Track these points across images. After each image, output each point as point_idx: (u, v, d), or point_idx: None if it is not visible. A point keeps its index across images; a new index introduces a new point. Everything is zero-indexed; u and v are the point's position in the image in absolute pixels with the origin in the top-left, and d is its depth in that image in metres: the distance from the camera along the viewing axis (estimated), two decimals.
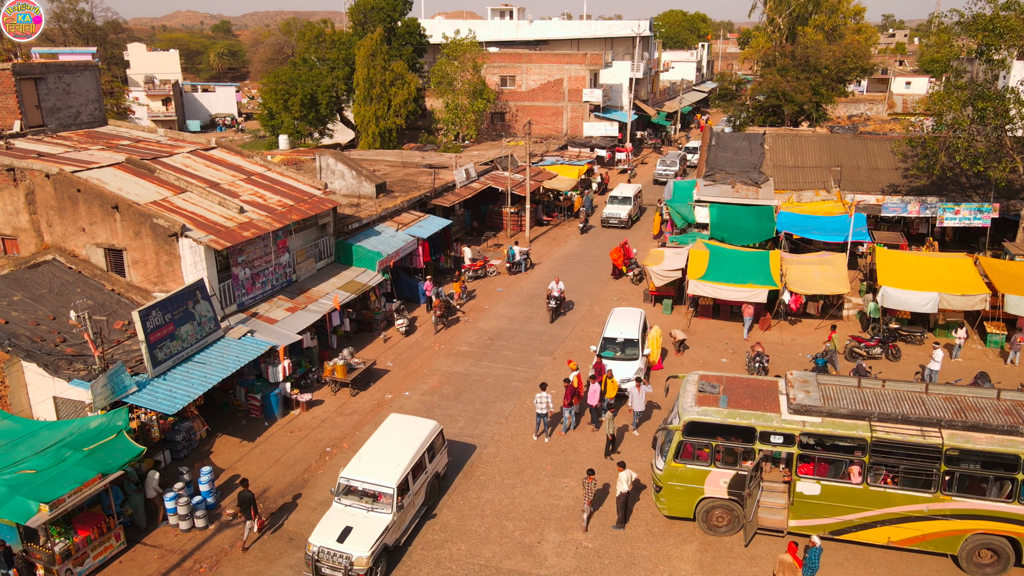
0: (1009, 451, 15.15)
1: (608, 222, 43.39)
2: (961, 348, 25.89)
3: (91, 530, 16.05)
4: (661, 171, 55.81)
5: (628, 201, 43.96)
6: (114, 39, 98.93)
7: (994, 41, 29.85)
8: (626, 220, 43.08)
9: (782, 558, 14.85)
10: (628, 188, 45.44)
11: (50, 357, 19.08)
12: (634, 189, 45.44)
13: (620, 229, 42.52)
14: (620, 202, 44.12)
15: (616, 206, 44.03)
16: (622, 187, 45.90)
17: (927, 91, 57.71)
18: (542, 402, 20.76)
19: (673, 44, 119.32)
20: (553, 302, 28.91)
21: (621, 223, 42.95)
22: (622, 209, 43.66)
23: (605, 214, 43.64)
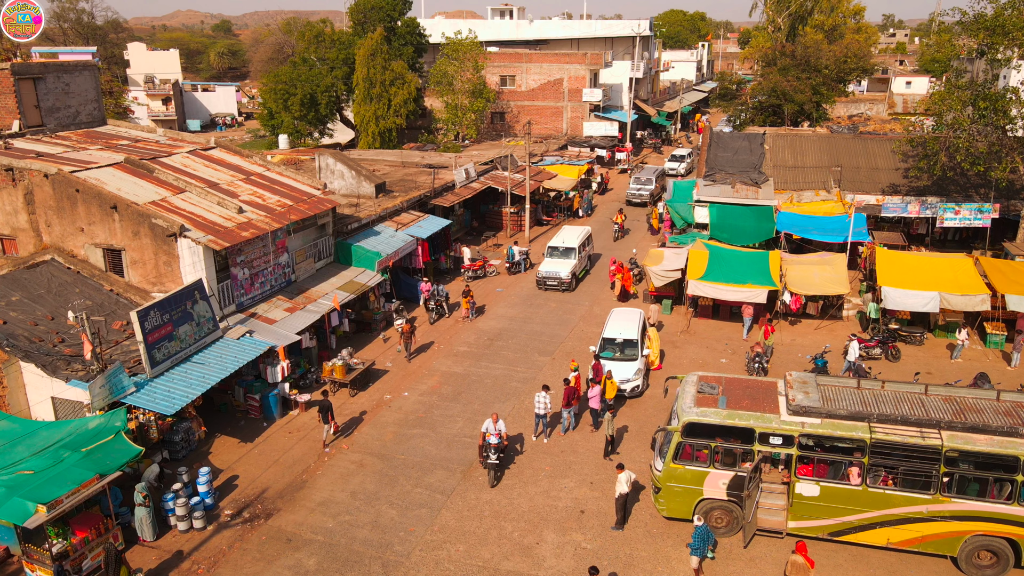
0: (1009, 452, 15.11)
1: (545, 283, 32.57)
2: (963, 349, 25.84)
3: (89, 531, 16.02)
4: (635, 190, 49.12)
5: (570, 254, 33.24)
6: (114, 39, 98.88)
7: (998, 40, 29.78)
8: (568, 280, 32.29)
9: (793, 559, 14.84)
10: (572, 235, 34.71)
11: (48, 357, 19.06)
12: (580, 236, 34.50)
13: (562, 292, 32.46)
14: (560, 255, 33.29)
15: (555, 262, 33.03)
16: (565, 232, 35.18)
17: (927, 91, 57.72)
18: (541, 402, 20.74)
19: (673, 44, 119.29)
20: (493, 455, 19.00)
21: (562, 285, 32.35)
22: (563, 266, 32.68)
23: (541, 272, 32.75)
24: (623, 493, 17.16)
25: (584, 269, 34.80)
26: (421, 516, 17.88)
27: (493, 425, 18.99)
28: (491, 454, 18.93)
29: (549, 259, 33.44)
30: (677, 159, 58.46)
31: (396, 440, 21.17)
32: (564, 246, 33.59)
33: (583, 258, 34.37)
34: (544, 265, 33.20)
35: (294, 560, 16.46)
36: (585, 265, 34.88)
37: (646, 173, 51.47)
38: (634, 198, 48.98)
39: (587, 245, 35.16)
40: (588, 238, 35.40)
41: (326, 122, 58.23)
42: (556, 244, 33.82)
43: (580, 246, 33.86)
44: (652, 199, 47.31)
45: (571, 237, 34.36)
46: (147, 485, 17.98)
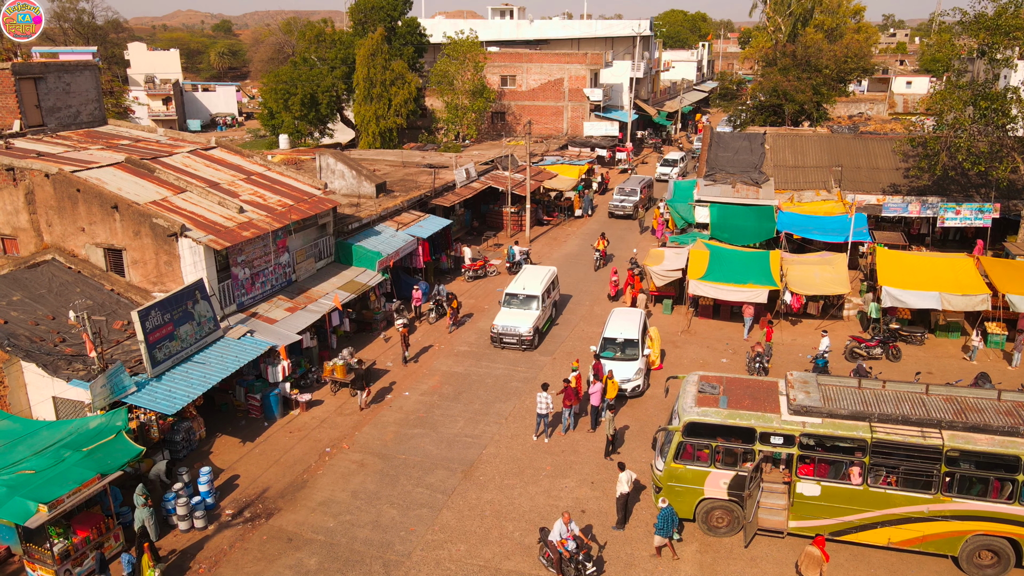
0: (1010, 452, 15.11)
1: (501, 341, 26.72)
2: (978, 351, 25.77)
3: (90, 530, 16.04)
4: (618, 202, 45.60)
5: (532, 303, 27.10)
6: (114, 38, 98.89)
7: (999, 40, 29.75)
8: (529, 337, 26.43)
9: (809, 550, 14.98)
10: (535, 278, 28.29)
11: (49, 357, 19.06)
12: (544, 280, 28.14)
13: (522, 351, 26.70)
14: (520, 304, 27.26)
15: (514, 313, 27.01)
16: (527, 276, 28.71)
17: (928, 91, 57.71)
18: (543, 402, 20.74)
19: (673, 44, 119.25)
20: (585, 568, 15.37)
21: (522, 343, 26.51)
22: (523, 318, 26.73)
23: (496, 327, 26.76)
24: (624, 493, 17.17)
25: (549, 320, 28.66)
26: (422, 516, 17.88)
27: (566, 527, 15.53)
28: (582, 568, 15.08)
29: (507, 309, 27.29)
30: (670, 163, 56.61)
31: (397, 440, 21.18)
32: (525, 293, 27.38)
33: (548, 307, 28.27)
34: (501, 317, 26.96)
35: (295, 560, 16.46)
36: (551, 315, 28.87)
37: (630, 183, 47.65)
38: (617, 210, 45.40)
39: (553, 290, 29.28)
40: (554, 282, 29.37)
41: (326, 122, 58.25)
42: (515, 291, 27.61)
43: (544, 292, 27.83)
44: (637, 211, 45.01)
45: (533, 282, 28.04)
46: (155, 482, 18.03)
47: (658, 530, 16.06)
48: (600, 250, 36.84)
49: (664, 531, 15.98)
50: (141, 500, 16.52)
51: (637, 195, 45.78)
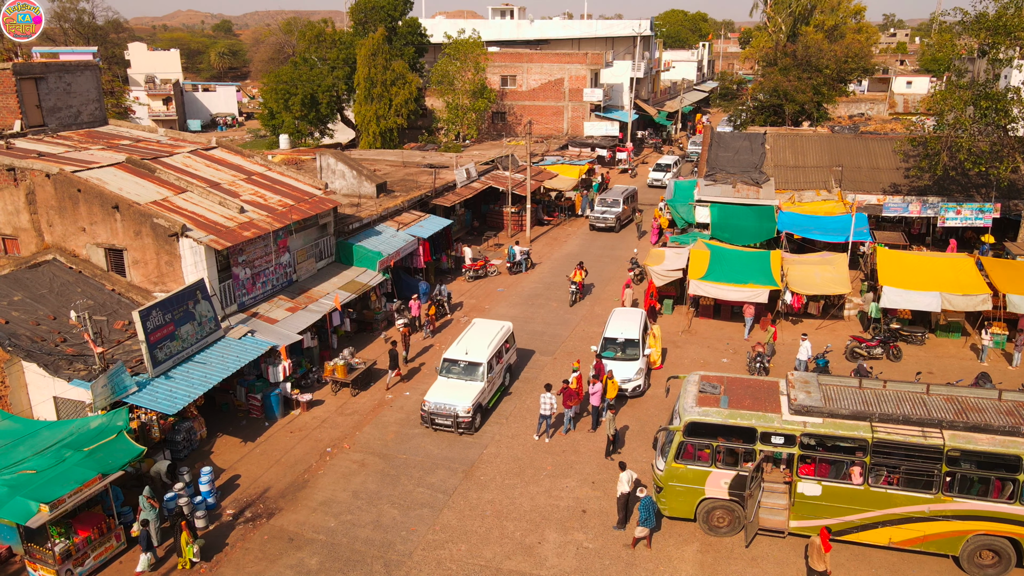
0: (1010, 452, 15.12)
1: (433, 422, 21.52)
2: (989, 350, 25.74)
3: (91, 530, 16.04)
4: (599, 214, 42.71)
5: (475, 372, 22.02)
6: (115, 39, 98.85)
7: (1000, 40, 29.74)
8: (468, 418, 21.22)
9: (812, 539, 15.24)
10: (482, 339, 23.11)
11: (50, 357, 19.07)
12: (493, 341, 23.02)
13: (459, 434, 21.40)
14: (461, 374, 22.15)
15: (451, 386, 21.76)
16: (473, 335, 23.50)
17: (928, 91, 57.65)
18: (546, 403, 20.72)
19: (674, 44, 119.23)
20: None
21: (459, 425, 21.27)
22: (462, 393, 21.48)
23: (428, 404, 21.44)
24: (624, 492, 17.17)
25: (498, 390, 23.14)
26: (423, 516, 17.89)
27: None
28: None
29: (443, 379, 22.06)
30: (662, 168, 54.97)
31: (398, 440, 21.18)
32: (467, 360, 22.17)
33: (498, 375, 23.02)
34: (435, 390, 21.64)
35: (296, 559, 16.47)
36: (501, 383, 23.44)
37: (612, 194, 44.46)
38: (598, 223, 42.35)
39: (506, 352, 23.83)
40: (509, 339, 24.21)
41: (327, 122, 58.26)
42: (455, 356, 22.40)
43: (494, 356, 22.64)
44: (620, 224, 42.66)
45: (479, 344, 22.68)
46: (155, 481, 18.04)
47: (642, 520, 16.31)
48: (577, 282, 31.45)
49: (648, 521, 16.24)
50: (147, 505, 16.40)
51: (619, 206, 42.81)
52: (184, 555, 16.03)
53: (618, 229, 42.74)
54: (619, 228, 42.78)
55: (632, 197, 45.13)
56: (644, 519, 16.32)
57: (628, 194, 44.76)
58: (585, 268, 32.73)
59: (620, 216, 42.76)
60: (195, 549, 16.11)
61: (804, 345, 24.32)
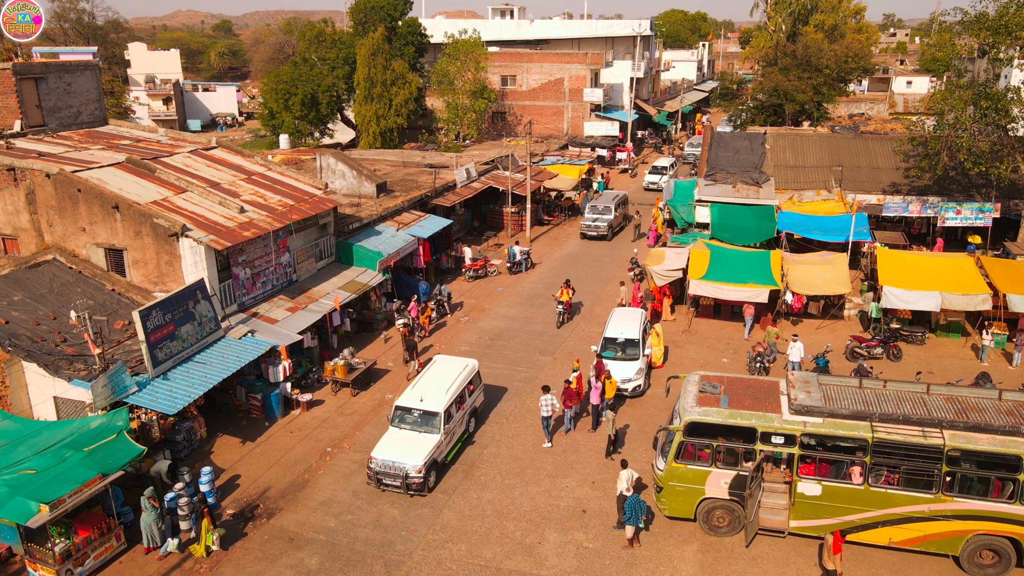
0: (1011, 452, 15.11)
1: (381, 482, 18.70)
2: (987, 350, 25.70)
3: (91, 530, 16.04)
4: (590, 222, 40.63)
5: (432, 424, 19.23)
6: (115, 38, 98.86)
7: (1000, 40, 29.74)
8: (416, 478, 18.41)
9: (826, 539, 15.53)
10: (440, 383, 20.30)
11: (50, 357, 19.07)
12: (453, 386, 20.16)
13: None
14: (415, 425, 19.40)
15: (401, 442, 18.92)
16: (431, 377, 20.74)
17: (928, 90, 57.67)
18: (547, 405, 20.67)
19: (674, 43, 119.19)
20: None
21: (407, 485, 18.45)
22: (410, 451, 18.65)
23: (376, 462, 18.66)
24: (623, 492, 17.16)
25: (460, 439, 20.21)
26: (423, 515, 17.89)
27: None
28: None
29: (395, 430, 19.17)
30: (659, 171, 53.45)
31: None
32: (422, 409, 19.21)
33: (458, 424, 19.95)
34: (383, 445, 18.81)
35: (296, 559, 16.47)
36: (464, 430, 20.44)
37: (604, 200, 42.29)
38: (589, 231, 40.39)
39: (467, 396, 20.73)
40: (472, 381, 21.21)
41: (327, 122, 58.26)
42: (409, 403, 19.44)
43: (453, 403, 19.58)
44: (612, 231, 40.90)
45: (437, 390, 19.70)
46: (156, 481, 18.05)
47: (626, 519, 16.43)
48: (564, 302, 28.94)
49: (634, 520, 16.36)
50: (148, 505, 16.37)
51: (611, 213, 40.80)
52: (202, 542, 16.50)
53: (611, 237, 40.72)
54: (612, 236, 40.71)
55: (624, 203, 43.43)
56: (628, 517, 16.40)
57: (619, 200, 42.88)
58: (572, 286, 29.99)
59: (612, 223, 40.83)
60: (215, 537, 16.59)
61: (796, 346, 24.20)
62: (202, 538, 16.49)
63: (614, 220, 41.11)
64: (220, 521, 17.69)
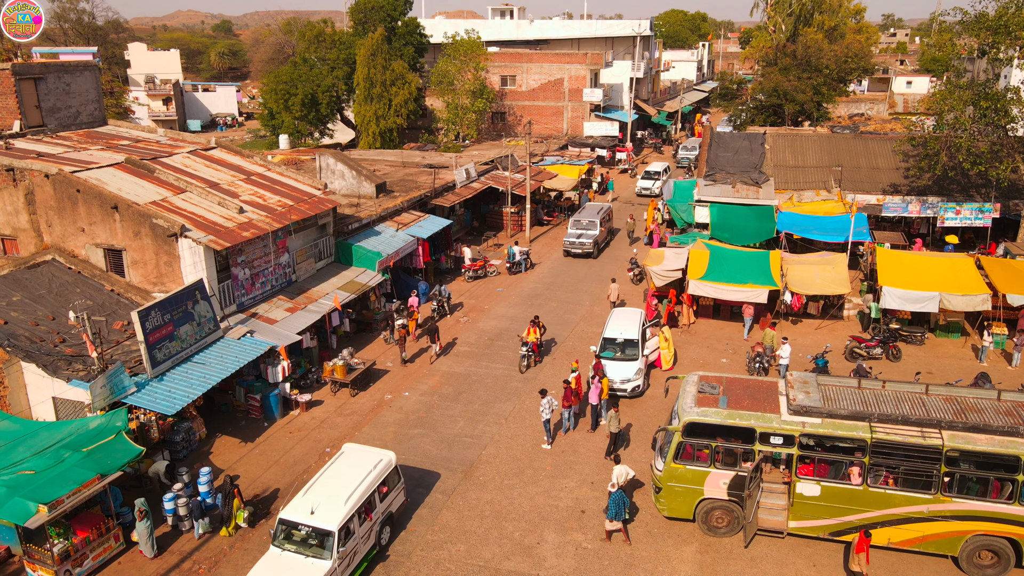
0: (1010, 452, 15.11)
1: None
2: (988, 351, 25.64)
3: (90, 531, 16.04)
4: (574, 238, 37.08)
5: (323, 547, 14.96)
6: (115, 39, 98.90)
7: (1000, 40, 29.72)
8: None
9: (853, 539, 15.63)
10: (349, 474, 16.54)
11: (49, 357, 19.07)
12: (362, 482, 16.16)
13: None
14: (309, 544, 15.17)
15: (290, 560, 14.95)
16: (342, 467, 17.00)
17: (928, 91, 57.65)
18: (547, 408, 20.65)
19: (674, 43, 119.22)
20: None
21: None
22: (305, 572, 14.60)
23: None
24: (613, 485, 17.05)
25: (366, 557, 15.97)
26: (422, 516, 17.88)
27: None
28: None
29: (276, 552, 15.10)
30: (651, 176, 51.27)
31: (397, 440, 21.16)
32: (312, 525, 15.08)
33: (361, 541, 15.71)
34: (263, 566, 14.84)
35: None
36: (373, 543, 16.21)
37: (587, 214, 38.66)
38: (574, 248, 36.92)
39: (378, 502, 16.46)
40: (386, 477, 16.90)
41: (327, 122, 58.28)
42: (296, 517, 15.32)
43: (355, 514, 15.49)
44: (598, 248, 37.49)
45: (335, 497, 15.63)
46: (154, 481, 18.06)
47: (609, 515, 16.48)
48: (530, 342, 25.23)
49: (617, 515, 16.42)
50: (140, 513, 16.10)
51: (596, 228, 37.22)
52: (233, 520, 17.32)
53: (597, 255, 37.06)
54: (598, 253, 37.05)
55: (609, 216, 40.39)
56: (612, 513, 16.46)
57: (604, 213, 39.52)
58: (542, 324, 26.00)
59: (599, 239, 37.25)
60: (245, 514, 17.39)
61: (785, 348, 24.17)
62: (233, 515, 17.28)
63: (600, 236, 37.67)
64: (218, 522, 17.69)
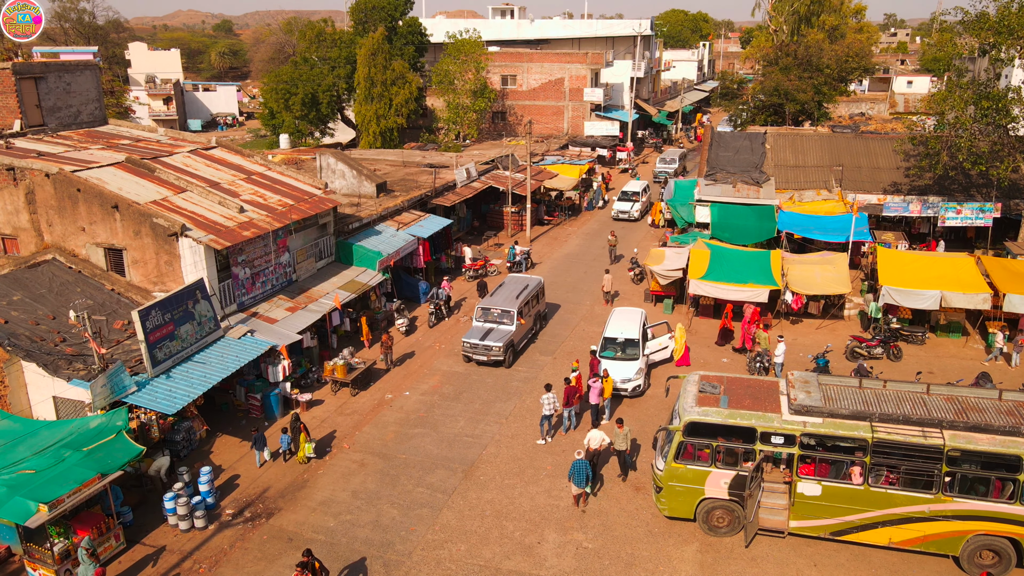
0: (1011, 452, 15.08)
1: None
2: (1000, 350, 25.56)
3: (90, 530, 16.02)
4: (477, 338, 24.76)
5: None
6: (115, 38, 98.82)
7: (1002, 40, 29.68)
8: None
9: None
10: None
11: (50, 357, 19.06)
12: None
13: None
14: None
15: None
16: None
17: (929, 90, 57.64)
18: (548, 403, 20.65)
19: (674, 43, 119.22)
20: None
21: None
22: None
23: None
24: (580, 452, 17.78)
25: None
26: (422, 515, 17.87)
27: None
28: None
29: None
30: (628, 198, 45.05)
31: (397, 439, 21.16)
32: None
33: None
34: None
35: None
36: None
37: (503, 297, 26.15)
38: (476, 352, 24.96)
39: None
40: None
41: (327, 122, 58.24)
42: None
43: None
44: (513, 352, 25.20)
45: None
46: (156, 479, 18.08)
47: (571, 478, 17.73)
48: None
49: (575, 480, 17.59)
50: (85, 557, 15.12)
51: (513, 321, 25.20)
52: (301, 452, 19.56)
53: (510, 363, 25.19)
54: (512, 360, 25.28)
55: (539, 296, 27.74)
56: (570, 476, 17.69)
57: (531, 294, 26.63)
58: None
59: (515, 339, 25.24)
60: (311, 446, 19.60)
61: (780, 346, 24.11)
62: (301, 448, 19.51)
63: (518, 332, 25.35)
64: (218, 521, 17.70)
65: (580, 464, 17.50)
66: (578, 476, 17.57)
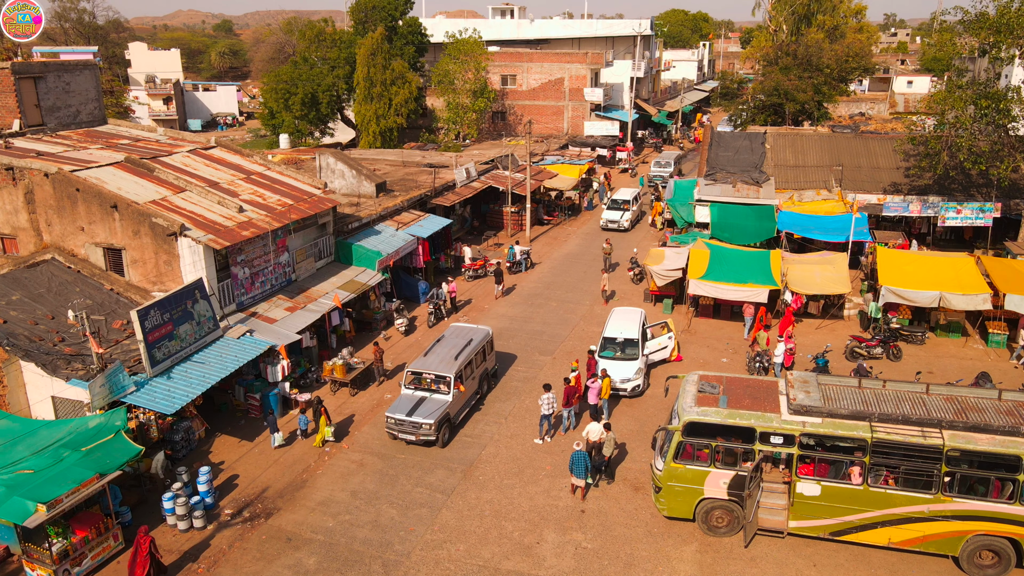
0: (1010, 452, 15.07)
1: None
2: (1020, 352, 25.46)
3: (89, 530, 16.02)
4: (403, 411, 20.12)
5: None
6: (115, 38, 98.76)
7: (1002, 39, 29.65)
8: None
9: None
10: None
11: (48, 357, 19.04)
12: None
13: None
14: None
15: None
16: None
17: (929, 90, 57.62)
18: (547, 403, 20.64)
19: (674, 43, 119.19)
20: None
21: None
22: None
23: None
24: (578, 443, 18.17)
25: None
26: (421, 515, 17.86)
27: None
28: None
29: None
30: (619, 207, 42.68)
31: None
32: None
33: None
34: None
35: (294, 559, 16.43)
36: None
37: (439, 357, 21.61)
38: (403, 431, 20.31)
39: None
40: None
41: (327, 121, 58.25)
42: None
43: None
44: (449, 429, 20.39)
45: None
46: (155, 477, 18.07)
47: (571, 470, 18.04)
48: None
49: (575, 472, 17.91)
50: None
51: (449, 391, 20.74)
52: (320, 435, 20.23)
53: (440, 443, 20.48)
54: (443, 442, 20.56)
55: (486, 352, 23.37)
56: (570, 467, 18.00)
57: (473, 351, 22.23)
58: None
59: (451, 414, 20.89)
60: (331, 430, 20.29)
61: (779, 346, 24.09)
62: (320, 431, 20.07)
63: (455, 404, 21.08)
64: (217, 521, 17.68)
65: (579, 455, 17.72)
66: (578, 467, 17.77)
